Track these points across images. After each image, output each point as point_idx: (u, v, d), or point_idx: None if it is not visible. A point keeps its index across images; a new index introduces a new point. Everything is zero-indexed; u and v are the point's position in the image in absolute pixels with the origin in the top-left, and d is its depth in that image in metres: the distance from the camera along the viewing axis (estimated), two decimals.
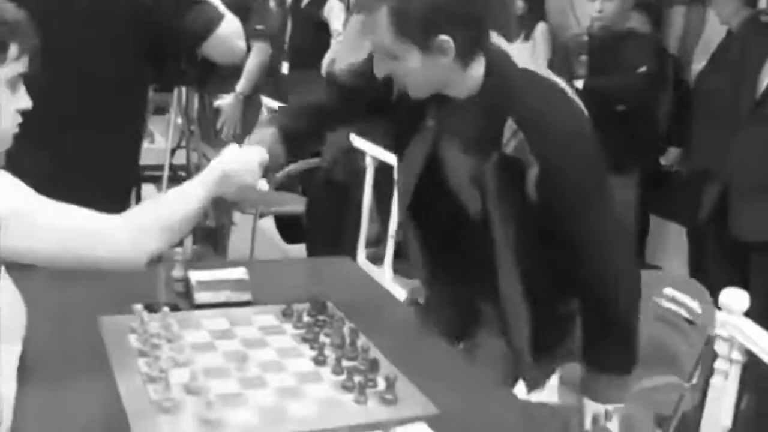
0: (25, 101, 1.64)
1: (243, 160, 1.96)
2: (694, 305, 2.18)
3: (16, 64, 1.58)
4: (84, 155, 2.54)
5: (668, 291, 2.24)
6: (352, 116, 2.36)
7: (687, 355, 2.25)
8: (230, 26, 2.57)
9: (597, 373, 1.96)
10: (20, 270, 1.66)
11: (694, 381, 2.21)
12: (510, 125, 1.81)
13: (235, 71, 4.40)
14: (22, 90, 1.63)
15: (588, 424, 1.95)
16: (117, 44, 2.49)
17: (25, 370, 1.62)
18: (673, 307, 2.27)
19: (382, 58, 1.83)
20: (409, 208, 2.12)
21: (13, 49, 1.56)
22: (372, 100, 2.09)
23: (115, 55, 2.49)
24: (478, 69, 1.85)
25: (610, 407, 1.95)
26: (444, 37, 1.75)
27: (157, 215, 1.76)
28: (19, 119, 1.64)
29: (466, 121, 1.89)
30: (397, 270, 4.72)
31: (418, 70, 1.80)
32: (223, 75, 3.59)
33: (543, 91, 1.86)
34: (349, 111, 2.19)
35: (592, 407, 1.97)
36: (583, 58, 4.31)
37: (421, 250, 2.18)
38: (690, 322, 2.25)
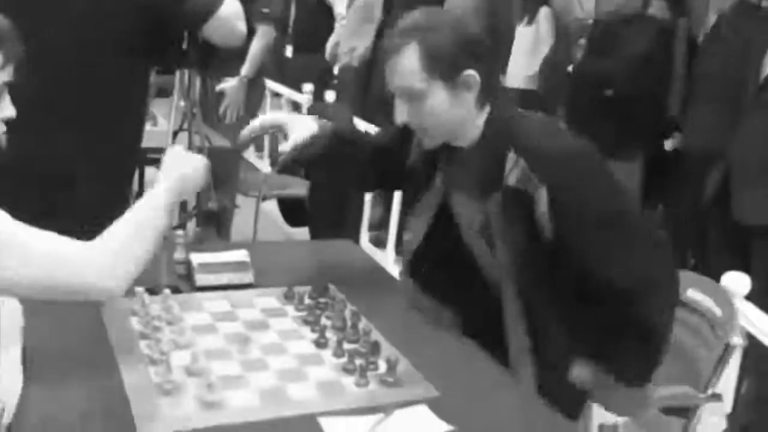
0: (8, 110, 1.59)
1: (192, 163, 1.90)
2: (717, 311, 2.13)
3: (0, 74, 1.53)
4: (86, 139, 2.54)
5: (690, 293, 2.19)
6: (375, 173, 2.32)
7: (706, 361, 2.17)
8: (230, 8, 2.56)
9: (615, 381, 1.86)
10: None
11: (711, 391, 2.14)
12: (511, 157, 1.84)
13: (240, 54, 4.39)
14: (6, 99, 1.58)
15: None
16: (118, 27, 2.48)
17: (26, 351, 1.63)
18: (695, 310, 2.21)
19: (404, 102, 1.89)
20: (412, 262, 2.14)
21: None
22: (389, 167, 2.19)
23: (117, 38, 2.48)
24: (483, 115, 1.90)
25: (620, 419, 1.88)
26: (471, 72, 1.83)
27: (133, 235, 1.66)
28: (3, 128, 1.60)
29: (470, 169, 1.93)
30: (399, 253, 4.72)
31: (441, 108, 1.85)
32: (225, 58, 3.57)
33: (541, 121, 1.92)
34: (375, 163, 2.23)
35: (601, 416, 1.90)
36: (582, 41, 4.29)
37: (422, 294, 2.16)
38: (711, 327, 2.19)
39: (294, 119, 2.14)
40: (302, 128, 2.09)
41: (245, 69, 4.51)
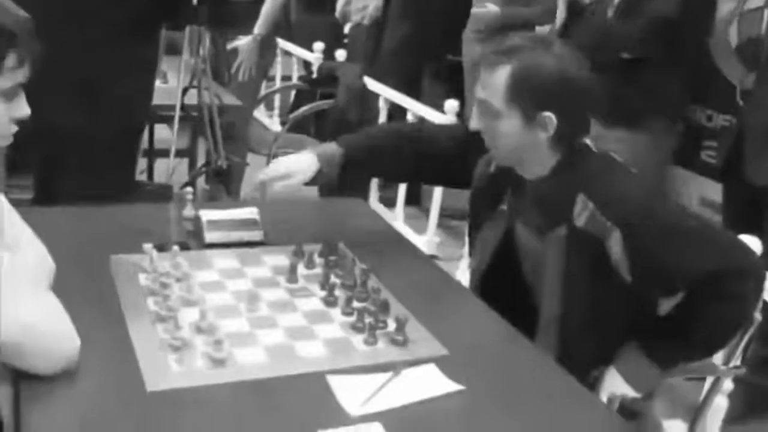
0: (22, 110, 1.53)
1: None
2: None
3: (14, 74, 1.47)
4: (97, 97, 2.53)
5: None
6: (430, 172, 2.30)
7: None
8: None
9: (644, 356, 1.88)
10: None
11: (732, 364, 2.11)
12: (582, 199, 1.83)
13: (253, 13, 4.36)
14: (20, 98, 1.52)
15: (603, 396, 1.90)
16: None
17: None
18: None
19: (483, 114, 1.89)
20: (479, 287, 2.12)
21: (11, 60, 1.45)
22: (454, 169, 2.17)
23: None
24: (555, 157, 1.89)
25: (630, 393, 1.88)
26: (550, 115, 1.81)
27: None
28: (15, 128, 1.55)
29: (536, 201, 1.93)
30: (408, 214, 4.71)
31: (512, 134, 1.85)
32: (235, 14, 3.55)
33: (615, 167, 1.90)
34: (431, 167, 2.21)
35: (613, 384, 1.89)
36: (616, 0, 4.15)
37: None
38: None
39: (293, 165, 2.10)
40: (301, 173, 2.08)
41: (258, 27, 4.48)
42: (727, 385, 2.42)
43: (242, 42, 4.47)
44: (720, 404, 2.47)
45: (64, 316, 1.48)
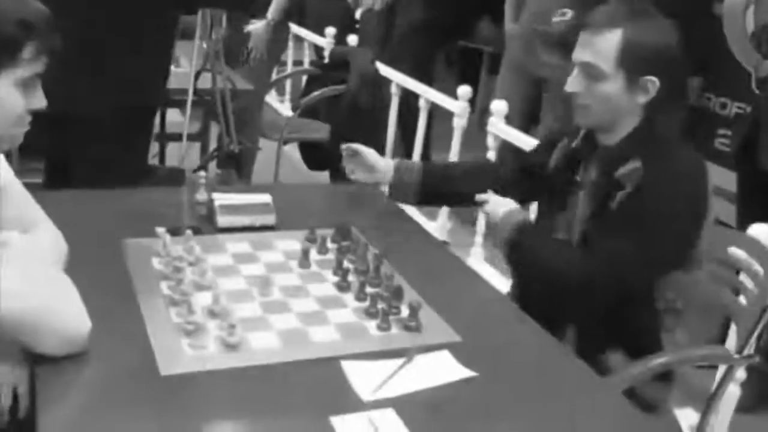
0: (39, 101, 1.53)
1: None
2: (758, 269, 2.06)
3: (31, 65, 1.47)
4: (112, 79, 2.53)
5: (732, 251, 2.14)
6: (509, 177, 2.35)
7: (742, 321, 2.14)
8: None
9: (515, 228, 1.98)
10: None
11: (746, 353, 2.08)
12: (634, 159, 1.88)
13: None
14: (37, 90, 1.53)
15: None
16: None
17: None
18: (736, 269, 2.16)
19: (586, 76, 1.91)
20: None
21: (29, 51, 1.45)
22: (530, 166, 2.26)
23: None
24: (635, 121, 1.93)
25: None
26: (654, 79, 1.87)
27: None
28: (29, 119, 1.54)
29: (601, 165, 1.97)
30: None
31: (613, 97, 1.89)
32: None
33: (680, 151, 1.93)
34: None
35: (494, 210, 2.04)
36: None
37: None
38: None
39: (377, 161, 2.33)
40: (380, 173, 2.32)
41: (271, 12, 4.49)
42: (740, 374, 2.40)
43: (255, 26, 4.47)
44: (733, 393, 2.46)
45: (76, 297, 1.48)
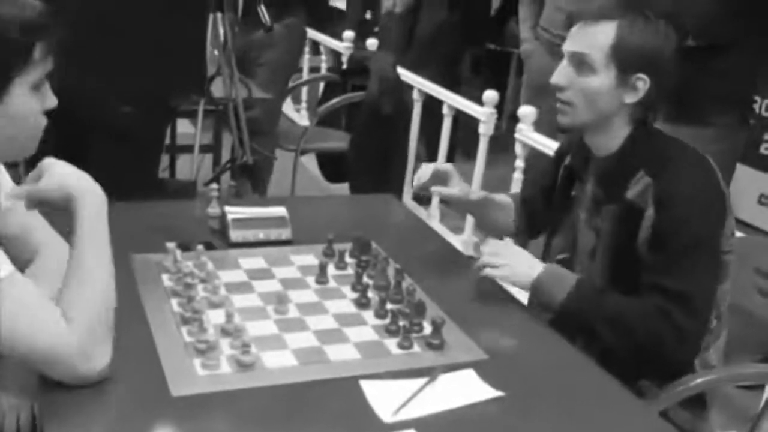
0: (50, 100, 1.55)
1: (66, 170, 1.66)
2: None
3: (42, 66, 1.49)
4: (125, 77, 2.59)
5: None
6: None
7: None
8: None
9: (564, 291, 1.91)
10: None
11: None
12: (641, 175, 1.88)
13: (284, 2, 4.40)
14: (47, 89, 1.55)
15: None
16: None
17: None
18: None
19: (572, 67, 1.92)
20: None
21: (38, 51, 1.47)
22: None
23: None
24: (628, 128, 1.94)
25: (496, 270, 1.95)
26: (645, 78, 1.87)
27: (99, 302, 1.53)
28: (45, 120, 1.57)
29: (598, 177, 2.00)
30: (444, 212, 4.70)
31: (600, 92, 1.89)
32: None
33: (685, 153, 1.92)
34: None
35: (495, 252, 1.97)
36: None
37: None
38: None
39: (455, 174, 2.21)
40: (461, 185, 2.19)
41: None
42: None
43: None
44: None
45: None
